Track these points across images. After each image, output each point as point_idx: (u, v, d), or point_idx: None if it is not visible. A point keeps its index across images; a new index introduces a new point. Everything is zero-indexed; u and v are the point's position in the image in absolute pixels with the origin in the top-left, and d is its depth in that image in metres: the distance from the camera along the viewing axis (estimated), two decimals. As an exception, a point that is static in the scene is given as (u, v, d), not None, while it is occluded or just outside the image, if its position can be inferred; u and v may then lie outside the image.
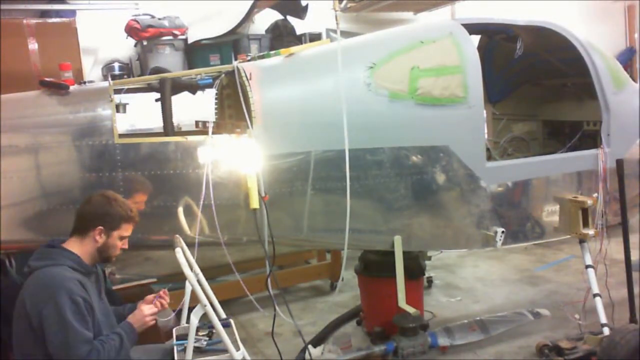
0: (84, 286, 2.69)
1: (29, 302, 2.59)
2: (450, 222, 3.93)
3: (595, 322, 4.01)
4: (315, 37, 6.99)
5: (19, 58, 5.65)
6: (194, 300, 2.88)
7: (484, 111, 4.28)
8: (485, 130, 4.47)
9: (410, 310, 3.78)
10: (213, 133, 3.39)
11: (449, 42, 3.85)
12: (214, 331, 2.98)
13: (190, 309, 2.90)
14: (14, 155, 3.21)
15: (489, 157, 4.74)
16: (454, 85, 3.74)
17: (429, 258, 4.85)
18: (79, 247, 2.79)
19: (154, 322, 2.90)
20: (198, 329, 2.89)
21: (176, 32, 6.67)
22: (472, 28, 4.17)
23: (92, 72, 6.74)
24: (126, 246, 2.93)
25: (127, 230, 2.90)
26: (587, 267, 4.10)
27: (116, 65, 6.77)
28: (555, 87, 5.60)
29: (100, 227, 2.80)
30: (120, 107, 3.44)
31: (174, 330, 3.17)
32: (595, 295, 4.00)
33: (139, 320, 2.85)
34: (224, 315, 3.06)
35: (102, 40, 6.84)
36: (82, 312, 2.60)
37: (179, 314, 3.25)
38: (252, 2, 6.43)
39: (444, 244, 4.13)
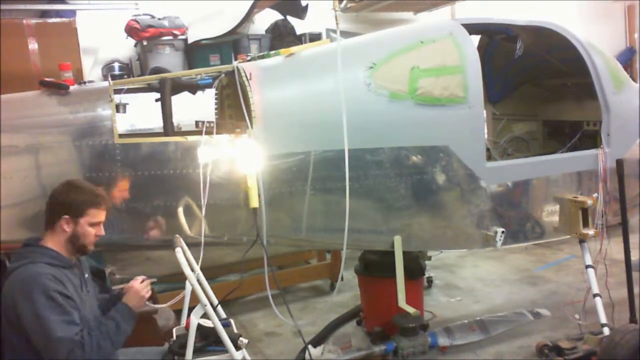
0: (62, 280, 2.62)
1: (8, 304, 2.55)
2: (450, 222, 3.93)
3: (595, 322, 4.01)
4: (315, 37, 6.99)
5: (19, 58, 5.65)
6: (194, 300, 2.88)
7: (484, 111, 4.28)
8: (485, 130, 4.47)
9: (410, 310, 3.78)
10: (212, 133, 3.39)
11: (449, 42, 3.85)
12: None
13: (191, 309, 2.90)
14: (14, 155, 3.20)
15: (489, 157, 4.74)
16: (454, 85, 3.74)
17: (429, 258, 4.85)
18: (53, 241, 2.73)
19: (149, 294, 2.84)
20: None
21: (176, 32, 6.67)
22: (472, 28, 4.16)
23: (92, 72, 6.75)
24: (101, 232, 2.82)
25: (95, 216, 2.78)
26: (587, 267, 4.09)
27: (116, 65, 6.77)
28: (555, 87, 5.60)
29: (66, 217, 2.72)
30: (120, 107, 3.44)
31: (174, 330, 3.17)
32: (595, 295, 4.00)
33: (134, 298, 2.78)
34: (224, 315, 3.06)
35: (102, 40, 6.85)
36: (60, 304, 2.54)
37: (178, 314, 3.25)
38: (252, 2, 6.44)
39: (444, 244, 4.12)
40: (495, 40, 5.20)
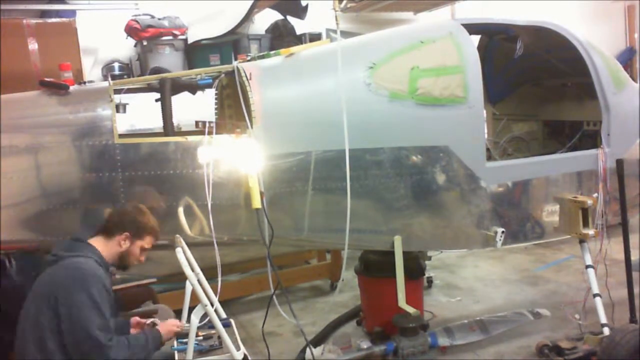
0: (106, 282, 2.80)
1: (60, 289, 2.64)
2: (450, 222, 3.93)
3: (595, 322, 4.01)
4: (315, 37, 6.99)
5: (19, 58, 5.65)
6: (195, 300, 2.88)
7: (484, 111, 4.28)
8: (485, 130, 4.47)
9: (410, 310, 3.78)
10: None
11: (449, 42, 3.85)
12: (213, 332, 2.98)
13: (191, 309, 2.90)
14: (14, 155, 3.21)
15: (489, 157, 4.74)
16: (454, 85, 3.74)
17: (429, 258, 4.85)
18: (103, 247, 2.90)
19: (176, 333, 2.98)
20: (198, 329, 2.89)
21: (176, 32, 6.67)
22: (472, 28, 4.17)
23: (92, 72, 6.75)
24: (143, 259, 3.02)
25: (149, 243, 3.01)
26: (587, 267, 4.09)
27: (116, 65, 6.78)
28: (555, 87, 5.60)
29: (127, 233, 2.92)
30: (120, 107, 3.44)
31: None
32: (595, 295, 4.00)
33: (166, 329, 2.94)
34: (224, 315, 3.06)
35: (102, 40, 6.85)
36: (107, 302, 2.72)
37: (179, 314, 3.25)
38: (252, 2, 6.44)
39: (444, 244, 4.13)
40: (495, 40, 5.20)
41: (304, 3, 6.86)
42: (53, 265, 2.76)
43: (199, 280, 2.94)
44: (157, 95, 3.68)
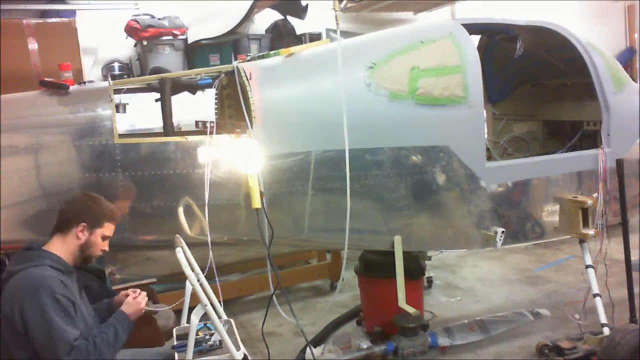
0: (66, 284, 2.66)
1: (10, 305, 2.55)
2: (450, 222, 3.93)
3: (595, 322, 4.01)
4: (315, 37, 6.99)
5: (19, 58, 5.64)
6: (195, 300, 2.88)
7: (484, 111, 4.28)
8: (485, 130, 4.47)
9: (410, 310, 3.78)
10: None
11: (449, 42, 3.85)
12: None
13: (191, 309, 2.90)
14: (14, 155, 3.21)
15: (489, 157, 4.74)
16: (454, 85, 3.74)
17: (429, 258, 4.85)
18: (61, 247, 2.76)
19: (144, 305, 2.89)
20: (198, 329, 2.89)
21: (176, 32, 6.67)
22: (472, 28, 4.17)
23: (92, 72, 6.74)
24: (107, 248, 2.88)
25: (109, 229, 2.87)
26: (587, 267, 4.10)
27: (116, 65, 6.77)
28: (555, 87, 5.60)
29: (84, 224, 2.78)
30: (120, 107, 3.44)
31: (174, 330, 3.17)
32: (595, 295, 4.00)
33: (132, 307, 2.83)
34: (224, 316, 3.06)
35: (102, 40, 6.85)
36: (65, 309, 2.57)
37: (179, 314, 3.25)
38: (252, 2, 6.43)
39: (444, 244, 4.13)
40: (495, 40, 5.20)
41: (304, 3, 6.86)
42: (8, 282, 2.62)
43: (198, 280, 2.94)
44: (157, 95, 3.68)
